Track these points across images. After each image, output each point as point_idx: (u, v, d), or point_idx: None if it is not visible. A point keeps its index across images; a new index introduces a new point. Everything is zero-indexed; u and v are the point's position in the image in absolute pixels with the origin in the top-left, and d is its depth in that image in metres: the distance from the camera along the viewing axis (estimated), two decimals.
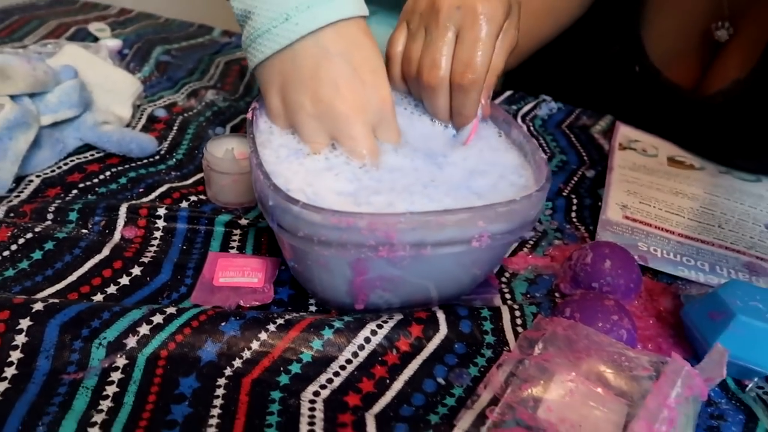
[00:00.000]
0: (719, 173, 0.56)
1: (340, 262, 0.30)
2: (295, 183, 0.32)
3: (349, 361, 0.32)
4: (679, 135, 0.60)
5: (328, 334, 0.33)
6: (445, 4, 0.37)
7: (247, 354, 0.32)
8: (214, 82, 0.65)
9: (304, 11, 0.34)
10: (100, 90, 0.50)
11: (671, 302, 0.40)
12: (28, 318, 0.31)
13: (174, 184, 0.46)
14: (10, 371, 0.30)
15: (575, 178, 0.53)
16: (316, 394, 0.31)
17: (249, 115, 0.37)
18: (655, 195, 0.50)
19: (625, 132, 0.60)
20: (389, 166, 0.35)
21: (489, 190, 0.34)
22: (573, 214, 0.48)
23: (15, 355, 0.30)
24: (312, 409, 0.30)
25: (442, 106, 0.39)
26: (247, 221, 0.42)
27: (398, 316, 0.35)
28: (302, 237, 0.29)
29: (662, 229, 0.46)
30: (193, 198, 0.44)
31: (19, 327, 0.31)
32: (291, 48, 0.35)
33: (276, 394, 0.30)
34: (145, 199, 0.43)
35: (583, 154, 0.57)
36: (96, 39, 0.69)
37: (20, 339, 0.31)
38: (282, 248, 0.35)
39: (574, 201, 0.50)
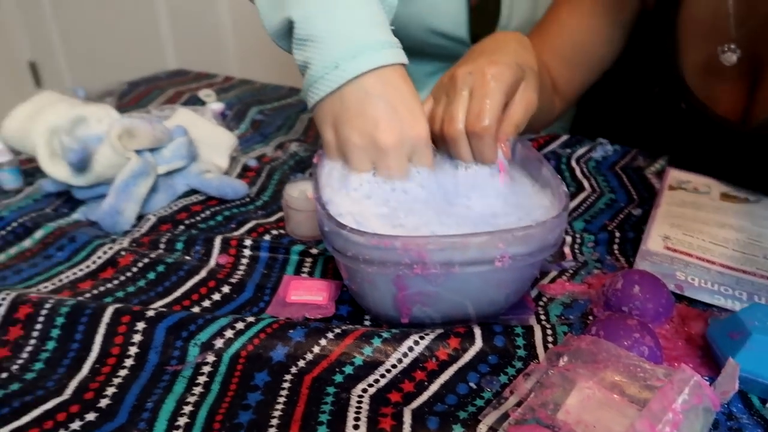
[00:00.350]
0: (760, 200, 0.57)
1: (384, 278, 0.37)
2: (345, 208, 0.39)
3: (394, 366, 0.38)
4: (732, 170, 0.61)
5: (377, 342, 0.39)
6: (460, 72, 0.45)
7: (309, 356, 0.38)
8: (298, 135, 0.74)
9: (350, 60, 0.41)
10: (203, 145, 0.61)
11: (702, 327, 0.42)
12: (143, 321, 0.40)
13: (260, 221, 0.54)
14: (128, 362, 0.38)
15: (621, 215, 0.56)
16: (364, 390, 0.37)
17: (315, 159, 0.45)
18: (700, 227, 0.53)
19: (676, 174, 0.62)
20: (422, 198, 0.42)
21: (512, 224, 0.40)
22: (615, 247, 0.52)
23: (132, 350, 0.39)
24: (359, 402, 0.36)
25: (465, 154, 0.45)
26: (317, 251, 0.50)
27: (439, 330, 0.40)
28: (351, 257, 0.36)
29: (703, 259, 0.49)
30: (274, 232, 0.53)
31: (136, 328, 0.39)
32: (339, 91, 0.42)
33: (331, 389, 0.36)
34: (236, 233, 0.52)
35: (633, 193, 0.61)
36: (203, 103, 0.82)
37: (137, 337, 0.39)
38: (340, 270, 0.42)
39: (617, 235, 0.53)
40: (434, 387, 0.37)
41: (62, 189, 0.56)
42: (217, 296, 0.45)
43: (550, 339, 0.41)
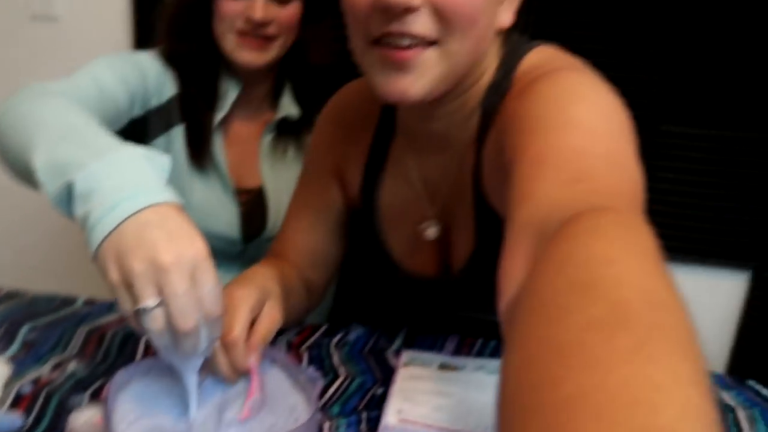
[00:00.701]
0: (474, 370, 0.76)
1: None
2: None
3: None
4: (445, 320, 0.80)
5: None
6: None
7: None
8: (76, 351, 0.77)
9: (128, 201, 0.48)
10: None
11: None
12: None
13: None
14: None
15: (368, 396, 0.70)
16: None
17: (104, 392, 0.51)
18: (423, 398, 0.69)
19: (408, 354, 0.80)
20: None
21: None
22: (362, 426, 0.64)
23: None
24: None
25: (223, 365, 0.57)
26: None
27: None
28: None
29: (426, 425, 0.64)
30: None
31: None
32: (119, 228, 0.47)
33: None
34: None
35: (377, 373, 0.76)
36: None
37: None
38: None
39: (364, 415, 0.66)
40: None
41: None
42: None
43: None
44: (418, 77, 0.56)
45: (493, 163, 0.61)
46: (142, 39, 1.44)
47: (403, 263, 0.78)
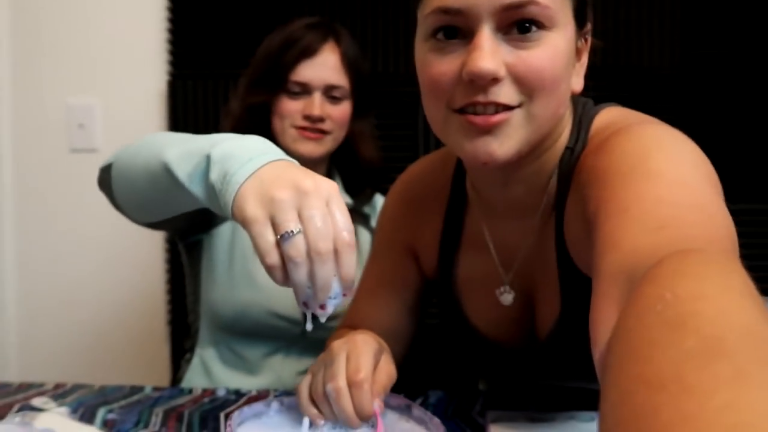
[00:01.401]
0: (565, 420, 0.74)
1: None
2: None
3: None
4: (536, 386, 0.79)
5: None
6: (335, 343, 0.61)
7: None
8: (158, 428, 0.75)
9: (261, 156, 0.54)
10: None
11: None
12: None
13: None
14: None
15: None
16: None
17: (228, 429, 0.51)
18: None
19: (494, 413, 0.78)
20: None
21: None
22: None
23: None
24: None
25: (347, 406, 0.56)
26: None
27: None
28: None
29: None
30: None
31: None
32: (257, 173, 0.53)
33: None
34: None
35: (466, 428, 0.74)
36: (40, 410, 0.78)
37: None
38: None
39: None
40: None
41: None
42: None
43: None
44: (505, 139, 0.57)
45: (577, 223, 0.60)
46: None
47: (486, 332, 0.77)
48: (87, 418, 0.76)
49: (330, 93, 1.04)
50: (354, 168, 1.14)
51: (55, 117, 1.58)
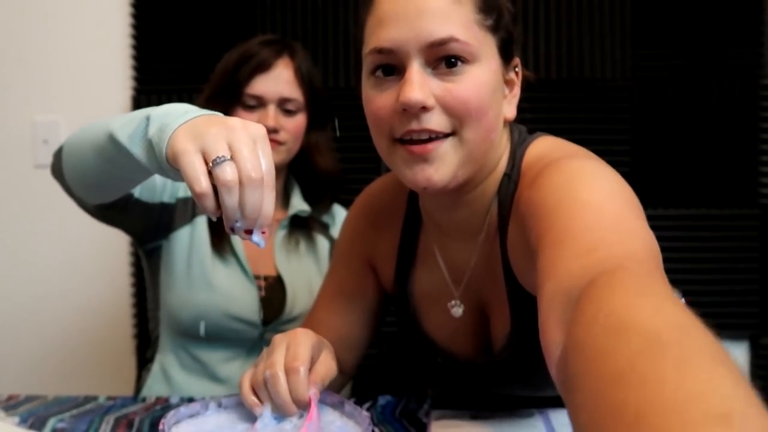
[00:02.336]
0: (506, 417, 0.77)
1: None
2: None
3: None
4: (486, 396, 0.81)
5: None
6: (276, 337, 0.64)
7: None
8: None
9: (197, 111, 0.60)
10: None
11: None
12: None
13: None
14: None
15: None
16: None
17: (160, 426, 0.52)
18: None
19: (438, 412, 0.81)
20: None
21: None
22: None
23: None
24: None
25: (283, 392, 0.59)
26: None
27: None
28: None
29: None
30: None
31: None
32: (192, 120, 0.58)
33: None
34: None
35: (412, 430, 0.76)
36: None
37: None
38: None
39: None
40: None
41: None
42: None
43: None
44: (440, 165, 0.63)
45: (519, 249, 0.66)
46: None
47: (443, 345, 0.80)
48: (37, 427, 0.77)
49: (284, 106, 1.07)
50: (312, 178, 1.17)
51: (20, 134, 1.58)
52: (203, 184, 0.54)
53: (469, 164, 0.65)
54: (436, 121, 0.62)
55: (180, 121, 0.57)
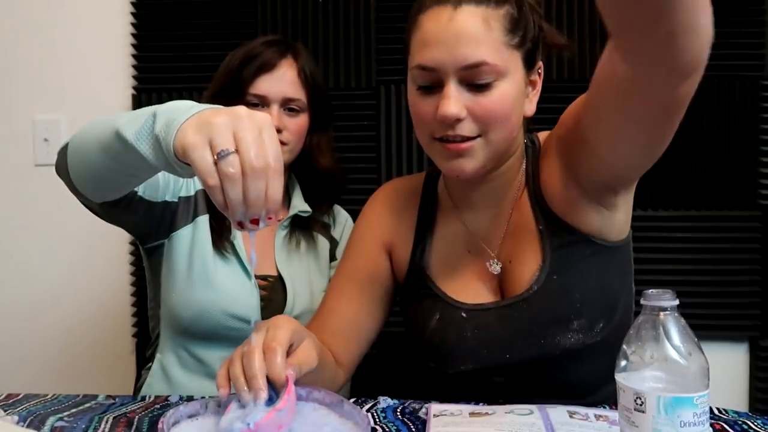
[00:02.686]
0: (505, 413, 0.76)
1: None
2: None
3: None
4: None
5: None
6: (258, 324, 0.66)
7: None
8: None
9: (202, 106, 0.60)
10: None
11: None
12: None
13: None
14: None
15: None
16: None
17: (160, 424, 0.52)
18: None
19: (436, 407, 0.81)
20: None
21: None
22: None
23: None
24: None
25: (260, 374, 0.60)
26: None
27: None
28: None
29: None
30: None
31: None
32: (198, 113, 0.58)
33: None
34: None
35: (412, 428, 0.76)
36: None
37: None
38: None
39: None
40: None
41: None
42: None
43: None
44: (470, 159, 0.79)
45: (556, 177, 0.82)
46: None
47: (465, 302, 0.86)
48: (36, 426, 0.77)
49: (287, 106, 1.07)
50: (313, 178, 1.17)
51: (20, 132, 1.58)
52: (215, 178, 0.55)
53: (494, 157, 0.81)
54: (467, 128, 0.77)
55: (187, 115, 0.58)
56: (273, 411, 0.55)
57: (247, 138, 0.54)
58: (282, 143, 1.06)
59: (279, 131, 1.05)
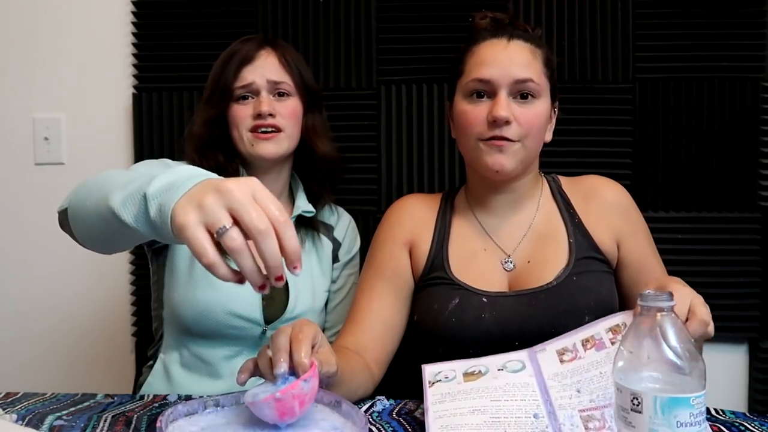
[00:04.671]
0: (497, 371, 0.77)
1: None
2: None
3: None
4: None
5: None
6: (282, 327, 0.68)
7: None
8: None
9: (189, 180, 0.59)
10: None
11: None
12: None
13: None
14: None
15: None
16: None
17: (158, 423, 0.52)
18: (459, 420, 0.69)
19: (429, 369, 0.81)
20: None
21: None
22: None
23: None
24: None
25: (282, 342, 0.66)
26: None
27: None
28: None
29: None
30: None
31: None
32: (188, 192, 0.58)
33: None
34: None
35: (409, 428, 0.76)
36: None
37: None
38: None
39: None
40: None
41: None
42: None
43: None
44: (510, 158, 0.94)
45: (605, 227, 1.01)
46: None
47: (486, 291, 0.96)
48: (35, 424, 0.77)
49: (276, 89, 1.07)
50: (313, 169, 1.16)
51: (20, 131, 1.58)
52: (210, 256, 0.55)
53: (525, 162, 0.97)
54: (512, 132, 0.93)
55: (175, 198, 0.58)
56: (299, 381, 0.57)
57: (243, 206, 0.55)
58: (278, 129, 1.06)
59: (272, 115, 1.05)
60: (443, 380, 0.78)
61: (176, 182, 0.59)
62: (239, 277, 0.57)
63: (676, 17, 1.43)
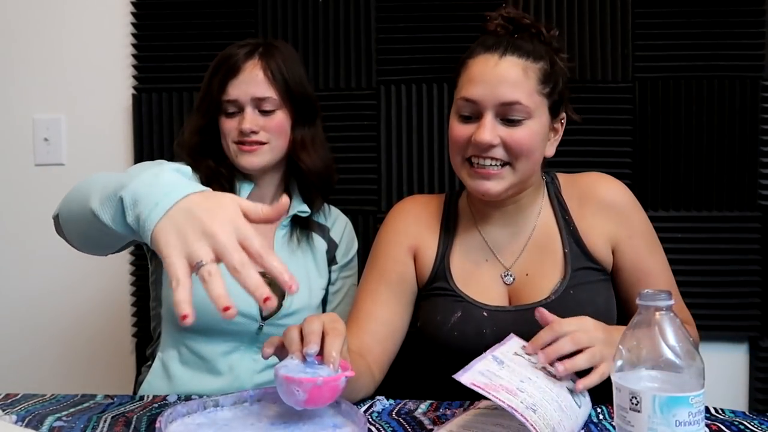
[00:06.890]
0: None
1: None
2: None
3: None
4: None
5: None
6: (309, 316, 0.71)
7: None
8: None
9: (167, 196, 0.59)
10: None
11: None
12: None
13: None
14: None
15: None
16: None
17: (157, 423, 0.52)
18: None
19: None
20: None
21: None
22: None
23: None
24: None
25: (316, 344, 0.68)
26: None
27: None
28: None
29: None
30: None
31: None
32: (167, 214, 0.58)
33: None
34: None
35: (409, 428, 0.76)
36: None
37: None
38: None
39: None
40: None
41: None
42: None
43: None
44: (496, 184, 0.92)
45: (599, 232, 0.98)
46: None
47: (487, 303, 0.96)
48: (35, 425, 0.77)
49: (260, 107, 1.08)
50: (303, 174, 1.16)
51: (20, 132, 1.59)
52: (182, 293, 0.58)
53: (518, 185, 0.94)
54: (498, 153, 0.91)
55: (155, 218, 0.59)
56: (341, 375, 0.58)
57: (226, 250, 0.57)
58: (261, 143, 1.07)
59: (254, 132, 1.06)
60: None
61: (154, 195, 0.60)
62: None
63: (676, 17, 1.43)
